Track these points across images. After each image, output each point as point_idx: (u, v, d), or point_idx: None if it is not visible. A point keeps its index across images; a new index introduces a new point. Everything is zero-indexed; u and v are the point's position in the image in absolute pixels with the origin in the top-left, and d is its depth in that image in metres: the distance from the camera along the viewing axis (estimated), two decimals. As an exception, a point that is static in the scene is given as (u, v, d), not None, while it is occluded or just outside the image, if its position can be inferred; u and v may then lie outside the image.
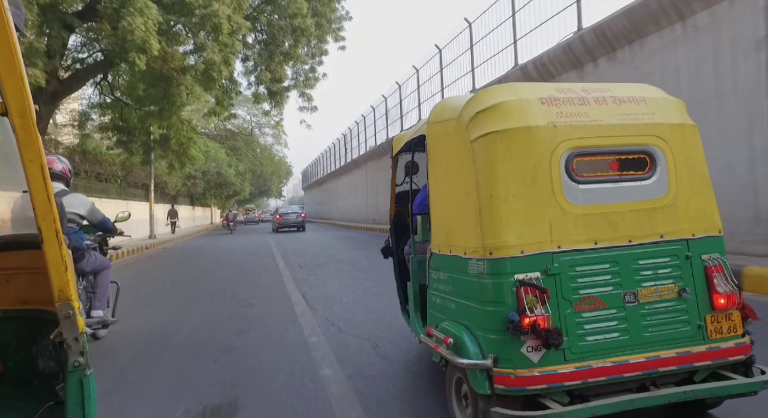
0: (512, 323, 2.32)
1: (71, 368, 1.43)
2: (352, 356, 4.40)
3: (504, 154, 2.48)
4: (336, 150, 42.23)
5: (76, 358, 1.43)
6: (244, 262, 13.22)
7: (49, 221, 1.35)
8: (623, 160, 2.61)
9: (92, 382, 1.47)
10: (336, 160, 42.14)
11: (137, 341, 5.30)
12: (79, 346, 1.43)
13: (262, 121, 50.54)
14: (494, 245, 2.43)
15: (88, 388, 1.44)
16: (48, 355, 1.77)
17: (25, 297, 1.76)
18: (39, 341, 1.79)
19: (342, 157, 39.21)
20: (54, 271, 1.39)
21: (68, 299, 1.41)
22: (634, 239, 2.56)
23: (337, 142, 41.19)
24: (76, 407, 1.43)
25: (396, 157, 4.47)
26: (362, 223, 29.85)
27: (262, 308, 6.84)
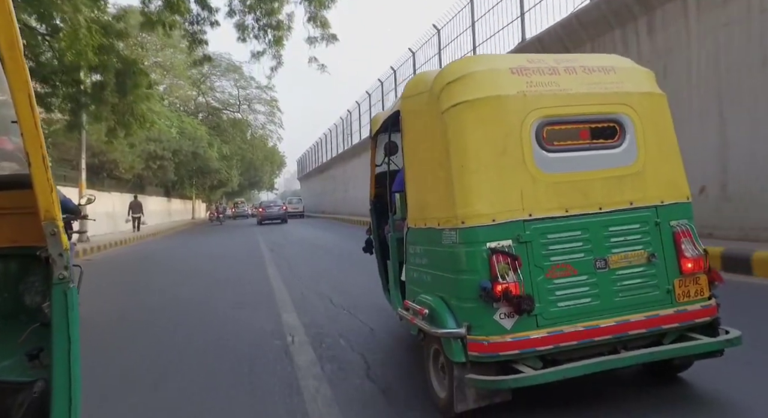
0: (484, 291, 2.35)
1: (56, 281, 1.55)
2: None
3: (474, 124, 2.49)
4: (342, 129, 33.54)
5: (60, 272, 1.55)
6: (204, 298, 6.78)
7: (36, 146, 1.46)
8: (593, 129, 2.63)
9: (75, 294, 1.59)
10: (343, 140, 33.52)
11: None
12: (63, 261, 1.55)
13: (252, 94, 43.19)
14: (466, 214, 2.45)
15: (72, 299, 1.56)
16: (35, 290, 1.86)
17: (13, 236, 1.84)
18: (26, 278, 1.89)
19: (351, 136, 31.10)
20: (41, 192, 1.50)
21: (53, 218, 1.53)
22: (605, 206, 2.59)
23: (346, 116, 31.93)
24: (60, 317, 1.55)
25: (375, 137, 4.46)
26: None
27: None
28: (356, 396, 3.07)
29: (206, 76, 39.74)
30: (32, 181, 1.49)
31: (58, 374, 1.54)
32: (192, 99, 40.21)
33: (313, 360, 3.77)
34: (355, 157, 28.89)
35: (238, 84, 41.82)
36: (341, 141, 34.11)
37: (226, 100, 43.05)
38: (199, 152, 31.11)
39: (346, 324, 4.82)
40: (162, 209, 32.98)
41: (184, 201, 41.61)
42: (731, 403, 2.66)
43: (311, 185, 51.50)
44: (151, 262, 12.17)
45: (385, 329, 4.52)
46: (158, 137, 25.57)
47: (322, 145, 42.98)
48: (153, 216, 28.21)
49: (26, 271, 1.89)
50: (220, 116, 42.99)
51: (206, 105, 41.84)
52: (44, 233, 1.53)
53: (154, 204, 30.12)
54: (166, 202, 34.90)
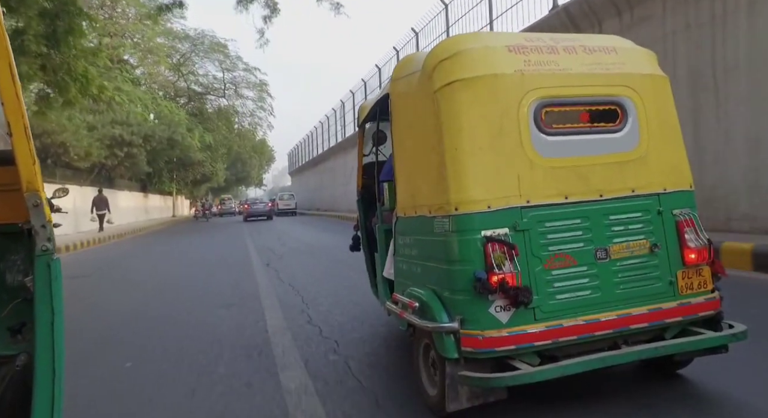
0: (479, 281, 2.19)
1: (39, 253, 1.54)
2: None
3: (469, 104, 2.33)
4: (342, 114, 29.05)
5: (44, 243, 1.55)
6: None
7: (18, 116, 1.46)
8: (593, 112, 2.49)
9: (58, 266, 1.58)
10: (343, 127, 29.23)
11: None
12: (47, 232, 1.55)
13: (239, 78, 37.11)
14: (460, 199, 2.29)
15: (55, 271, 1.56)
16: (16, 269, 1.85)
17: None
18: (8, 256, 1.86)
19: (351, 125, 26.39)
20: (23, 164, 1.49)
21: (36, 189, 1.53)
22: (605, 193, 2.45)
23: (345, 100, 27.80)
24: (43, 289, 1.54)
25: (362, 126, 4.29)
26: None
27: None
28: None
29: (187, 58, 34.97)
30: (14, 152, 1.47)
31: (41, 347, 1.53)
32: (171, 84, 35.26)
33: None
34: (356, 146, 24.27)
35: (223, 65, 36.27)
36: (339, 129, 30.19)
37: (209, 84, 37.54)
38: (176, 139, 26.18)
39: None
40: (137, 205, 29.26)
41: (165, 197, 37.40)
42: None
43: (304, 180, 46.97)
44: (106, 273, 9.14)
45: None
46: (127, 120, 22.09)
47: (315, 137, 38.83)
48: (126, 213, 24.89)
49: (7, 249, 1.86)
50: (203, 102, 37.84)
51: (187, 90, 36.37)
52: (27, 205, 1.52)
53: (126, 200, 26.39)
54: (142, 198, 31.11)
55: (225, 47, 35.24)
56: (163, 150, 26.15)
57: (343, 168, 28.82)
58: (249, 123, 40.21)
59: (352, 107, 25.30)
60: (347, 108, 27.76)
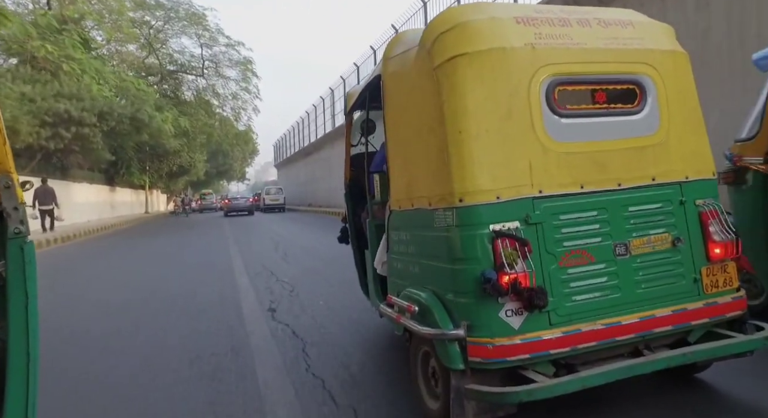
0: (488, 282, 1.92)
1: (11, 236, 1.52)
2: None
3: (474, 81, 2.06)
4: (339, 97, 25.00)
5: (16, 226, 1.52)
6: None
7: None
8: (610, 91, 2.24)
9: (32, 249, 1.55)
10: (339, 113, 25.00)
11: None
12: (19, 215, 1.53)
13: (220, 55, 31.20)
14: (464, 189, 2.02)
15: (29, 254, 1.53)
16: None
17: None
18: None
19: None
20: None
21: (7, 170, 1.53)
22: (624, 182, 2.20)
23: (348, 75, 23.75)
24: (17, 272, 1.51)
25: (350, 114, 3.99)
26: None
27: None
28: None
29: (159, 30, 29.79)
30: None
31: (15, 331, 1.51)
32: (141, 61, 29.85)
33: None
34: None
35: (201, 40, 30.43)
36: (338, 112, 26.23)
37: (186, 62, 31.71)
38: (141, 118, 20.71)
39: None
40: (101, 200, 24.95)
41: (137, 191, 32.68)
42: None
43: (293, 173, 42.05)
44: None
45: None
46: (77, 94, 17.34)
47: (306, 125, 34.70)
48: (85, 209, 21.16)
49: None
50: (179, 82, 32.14)
51: (159, 67, 30.27)
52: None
53: (85, 193, 21.97)
54: (108, 192, 26.72)
55: (203, 18, 30.18)
56: (126, 133, 21.21)
57: (341, 157, 24.89)
58: (232, 107, 33.59)
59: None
60: (338, 96, 25.18)
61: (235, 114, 33.53)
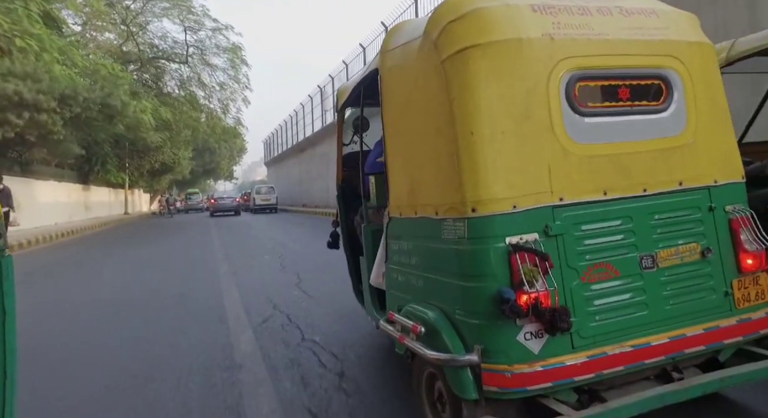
0: (507, 303, 1.71)
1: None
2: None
3: (488, 76, 1.84)
4: (327, 95, 24.54)
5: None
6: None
7: None
8: (634, 87, 2.03)
9: (11, 263, 1.53)
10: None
11: None
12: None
13: (206, 40, 27.95)
14: (478, 198, 1.80)
15: (7, 268, 1.51)
16: None
17: None
18: None
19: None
20: None
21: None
22: (649, 187, 2.00)
23: (351, 60, 21.97)
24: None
25: (342, 110, 3.75)
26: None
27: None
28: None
29: (138, 12, 26.58)
30: None
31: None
32: (117, 47, 26.24)
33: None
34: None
35: (185, 23, 26.95)
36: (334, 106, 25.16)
37: (168, 49, 28.44)
38: (113, 105, 17.74)
39: None
40: (72, 200, 22.29)
41: (116, 191, 30.22)
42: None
43: (284, 171, 39.03)
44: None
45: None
46: (34, 74, 14.47)
47: (299, 119, 32.24)
48: (51, 211, 18.63)
49: None
50: (161, 71, 28.74)
51: (138, 53, 26.70)
52: None
53: (51, 193, 19.39)
54: (81, 191, 23.88)
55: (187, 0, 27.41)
56: (97, 123, 18.20)
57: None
58: (219, 99, 29.94)
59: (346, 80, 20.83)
60: (358, 66, 22.15)
61: (223, 106, 30.27)
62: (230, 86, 29.70)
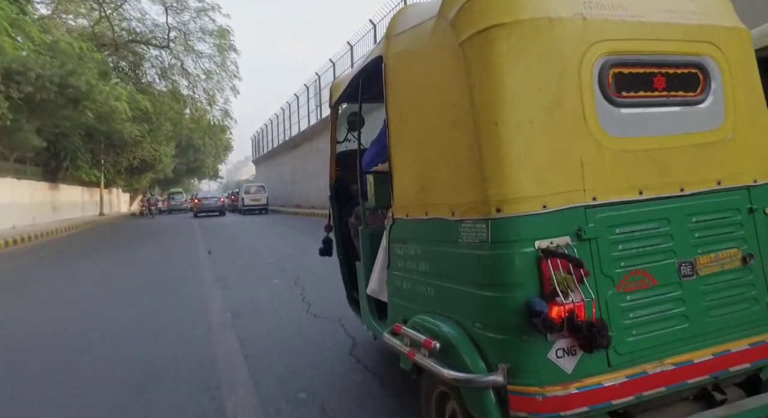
0: (538, 316, 1.50)
1: None
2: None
3: (513, 59, 1.63)
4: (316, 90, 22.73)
5: None
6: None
7: None
8: (670, 76, 1.84)
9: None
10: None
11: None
12: None
13: (190, 23, 24.05)
14: (503, 197, 1.59)
15: None
16: None
17: None
18: None
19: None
20: None
21: None
22: (687, 186, 1.81)
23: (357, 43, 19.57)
24: None
25: (336, 106, 3.53)
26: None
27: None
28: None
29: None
30: None
31: None
32: (90, 26, 22.40)
33: None
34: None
35: (166, 4, 23.14)
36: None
37: (147, 32, 24.32)
38: (76, 85, 14.81)
39: None
40: (38, 200, 20.05)
41: (91, 190, 27.70)
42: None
43: (275, 168, 36.56)
44: None
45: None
46: None
47: (292, 112, 29.86)
48: (11, 212, 17.04)
49: None
50: (140, 58, 24.83)
51: (113, 36, 22.59)
52: None
53: (10, 192, 17.39)
54: (48, 190, 21.42)
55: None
56: (57, 107, 15.21)
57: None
58: (205, 89, 25.73)
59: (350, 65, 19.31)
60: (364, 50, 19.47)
61: (209, 97, 25.96)
62: (217, 73, 25.60)
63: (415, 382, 2.12)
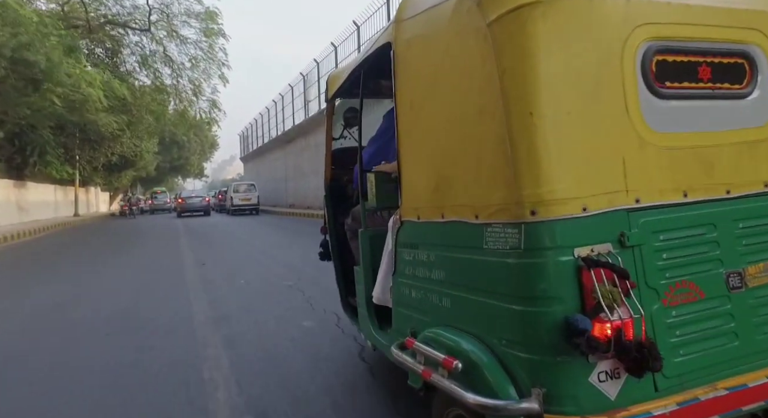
0: (582, 335, 1.30)
1: None
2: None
3: (550, 41, 1.43)
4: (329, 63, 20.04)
5: None
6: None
7: None
8: (716, 65, 1.66)
9: None
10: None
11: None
12: None
13: (173, 5, 20.83)
14: (539, 197, 1.39)
15: None
16: None
17: None
18: None
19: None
20: None
21: None
22: (733, 188, 1.63)
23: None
24: None
25: (332, 100, 3.32)
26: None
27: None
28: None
29: None
30: None
31: None
32: (59, 8, 19.50)
33: None
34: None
35: None
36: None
37: (126, 15, 21.15)
38: (31, 60, 12.77)
39: None
40: (0, 199, 17.96)
41: (65, 188, 25.48)
42: None
43: (266, 166, 33.94)
44: None
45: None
46: None
47: (284, 106, 27.61)
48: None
49: None
50: (116, 42, 21.39)
51: (86, 16, 19.78)
52: None
53: None
54: (13, 188, 19.33)
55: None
56: (12, 89, 13.14)
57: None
58: (190, 78, 22.47)
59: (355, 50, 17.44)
60: (348, 51, 18.44)
61: (195, 87, 22.58)
62: (204, 60, 22.21)
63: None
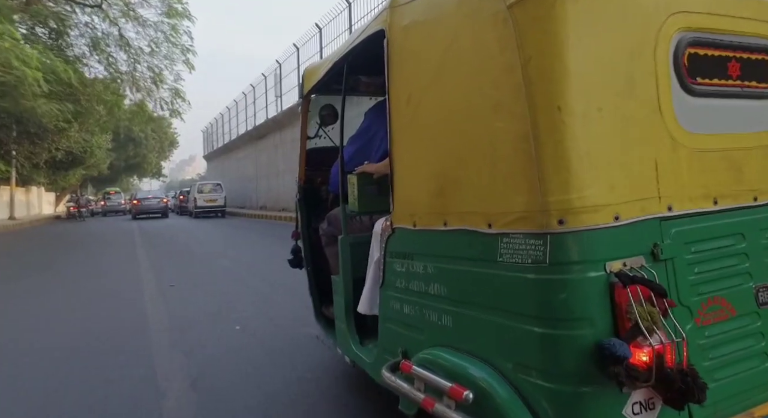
0: (620, 363, 1.13)
1: None
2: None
3: (580, 29, 1.26)
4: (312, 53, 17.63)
5: None
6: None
7: None
8: (745, 62, 1.54)
9: None
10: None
11: None
12: None
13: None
14: (568, 204, 1.22)
15: None
16: None
17: None
18: None
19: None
20: None
21: None
22: (761, 195, 1.51)
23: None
24: None
25: (308, 97, 3.08)
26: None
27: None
28: None
29: None
30: None
31: None
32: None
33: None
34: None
35: None
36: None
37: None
38: None
39: None
40: None
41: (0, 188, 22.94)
42: None
43: (233, 164, 31.44)
44: None
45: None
46: None
47: (255, 98, 25.23)
48: None
49: None
50: (62, 23, 17.60)
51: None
52: None
53: None
54: None
55: None
56: None
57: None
58: (149, 65, 19.40)
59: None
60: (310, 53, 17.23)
61: (155, 75, 19.45)
62: (165, 39, 18.97)
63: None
